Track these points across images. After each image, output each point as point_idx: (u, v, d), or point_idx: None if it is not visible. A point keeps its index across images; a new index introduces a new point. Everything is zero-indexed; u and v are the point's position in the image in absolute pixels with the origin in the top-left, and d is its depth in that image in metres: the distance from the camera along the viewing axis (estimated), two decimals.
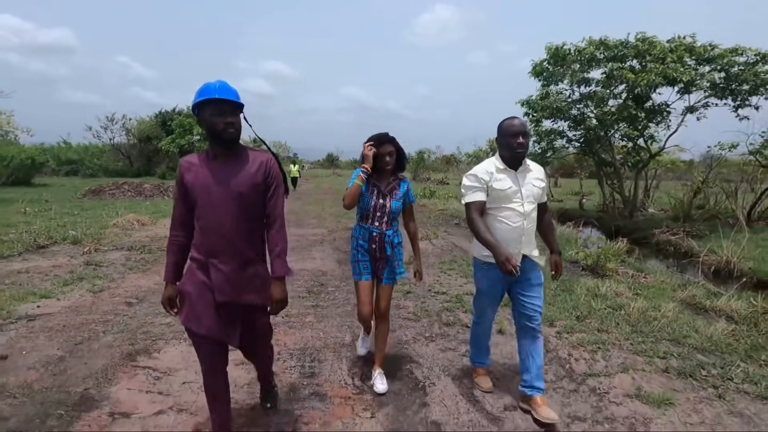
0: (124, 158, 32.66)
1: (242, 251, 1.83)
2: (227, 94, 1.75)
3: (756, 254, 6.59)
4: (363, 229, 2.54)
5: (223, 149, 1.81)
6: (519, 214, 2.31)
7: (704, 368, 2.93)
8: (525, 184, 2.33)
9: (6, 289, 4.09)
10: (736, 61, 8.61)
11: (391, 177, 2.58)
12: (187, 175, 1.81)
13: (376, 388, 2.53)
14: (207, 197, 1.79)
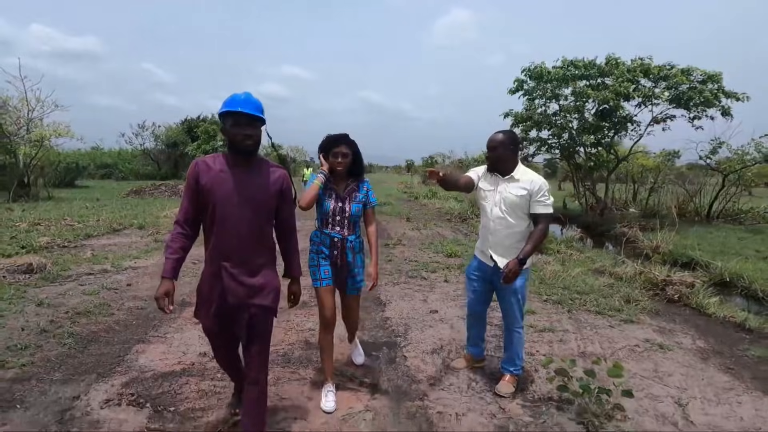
0: (152, 162, 35.11)
1: (254, 256, 1.92)
2: (248, 108, 1.81)
3: (687, 243, 7.98)
4: (323, 234, 2.45)
5: (242, 159, 1.88)
6: (487, 215, 2.58)
7: (571, 300, 4.48)
8: (501, 190, 2.52)
9: (109, 254, 5.88)
10: (685, 80, 10.00)
11: (349, 179, 2.50)
12: (204, 176, 1.84)
13: (356, 360, 2.88)
14: (226, 203, 1.83)
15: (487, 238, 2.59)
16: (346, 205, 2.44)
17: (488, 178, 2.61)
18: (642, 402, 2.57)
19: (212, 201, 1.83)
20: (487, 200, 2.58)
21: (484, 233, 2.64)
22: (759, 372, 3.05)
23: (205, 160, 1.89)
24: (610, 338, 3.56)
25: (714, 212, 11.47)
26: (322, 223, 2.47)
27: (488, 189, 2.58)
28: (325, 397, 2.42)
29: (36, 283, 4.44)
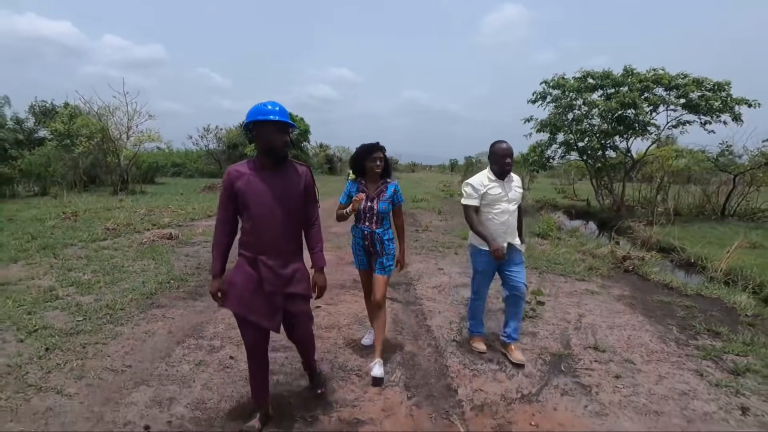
0: (215, 162, 38.93)
1: (287, 249, 2.11)
2: (285, 117, 2.00)
3: (681, 235, 9.13)
4: (357, 228, 2.94)
5: (273, 162, 2.05)
6: (506, 213, 3.05)
7: (546, 267, 6.07)
8: (509, 190, 3.09)
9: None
10: (696, 89, 10.94)
11: (379, 182, 2.91)
12: (238, 182, 2.02)
13: (373, 373, 2.76)
14: (259, 204, 2.02)
15: (504, 231, 3.05)
16: (375, 204, 2.85)
17: (491, 185, 3.06)
18: (557, 312, 4.23)
19: (246, 202, 2.02)
20: (501, 201, 3.06)
21: (499, 228, 3.05)
22: (649, 307, 4.57)
23: (236, 167, 2.08)
24: (560, 287, 5.17)
25: (730, 210, 12.23)
26: (356, 219, 2.94)
27: (499, 193, 3.06)
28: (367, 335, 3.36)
29: (176, 246, 6.69)
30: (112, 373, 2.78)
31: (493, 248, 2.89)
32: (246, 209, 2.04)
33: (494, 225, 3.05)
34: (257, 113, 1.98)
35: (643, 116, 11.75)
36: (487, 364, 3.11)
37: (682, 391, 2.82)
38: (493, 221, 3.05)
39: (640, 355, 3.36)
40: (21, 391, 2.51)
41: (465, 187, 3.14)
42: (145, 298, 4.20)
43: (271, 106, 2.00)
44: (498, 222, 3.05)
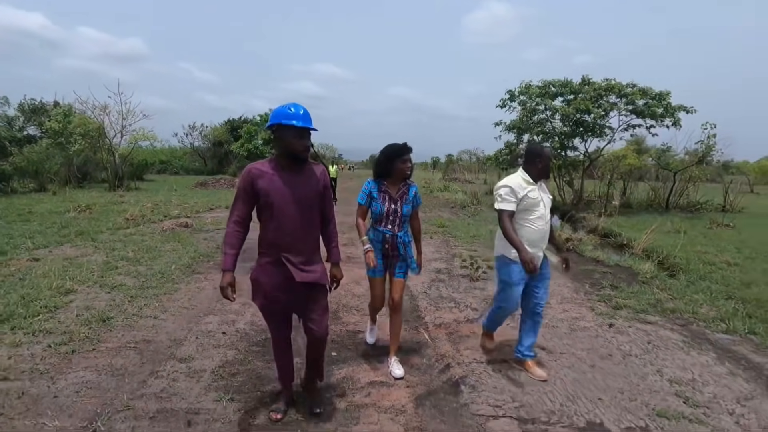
0: (200, 159, 39.44)
1: (308, 247, 2.21)
2: (309, 123, 2.07)
3: (623, 223, 10.68)
4: (377, 231, 2.81)
5: (293, 163, 2.14)
6: (543, 220, 2.81)
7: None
8: (544, 195, 2.88)
9: (222, 221, 9.25)
10: (641, 97, 12.54)
11: (401, 183, 2.82)
12: (260, 181, 2.09)
13: (394, 374, 2.80)
14: (283, 203, 2.10)
15: (541, 239, 2.85)
16: (398, 207, 2.78)
17: (529, 188, 2.80)
18: None
19: (269, 202, 2.07)
20: (538, 206, 2.80)
21: (534, 236, 2.80)
22: (576, 274, 5.97)
23: (257, 166, 2.12)
24: None
25: (672, 203, 13.95)
26: (375, 221, 2.83)
27: (537, 197, 2.81)
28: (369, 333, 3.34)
29: (193, 232, 7.81)
30: (185, 309, 3.99)
31: (525, 259, 2.61)
32: (269, 209, 2.10)
33: (531, 233, 2.80)
34: (281, 116, 2.05)
35: (600, 119, 13.31)
36: (446, 304, 4.42)
37: (574, 317, 4.19)
38: (531, 228, 2.80)
39: (556, 300, 4.72)
40: (128, 318, 3.69)
41: (500, 189, 2.81)
42: (185, 268, 5.37)
43: (294, 109, 2.06)
44: (535, 229, 2.81)
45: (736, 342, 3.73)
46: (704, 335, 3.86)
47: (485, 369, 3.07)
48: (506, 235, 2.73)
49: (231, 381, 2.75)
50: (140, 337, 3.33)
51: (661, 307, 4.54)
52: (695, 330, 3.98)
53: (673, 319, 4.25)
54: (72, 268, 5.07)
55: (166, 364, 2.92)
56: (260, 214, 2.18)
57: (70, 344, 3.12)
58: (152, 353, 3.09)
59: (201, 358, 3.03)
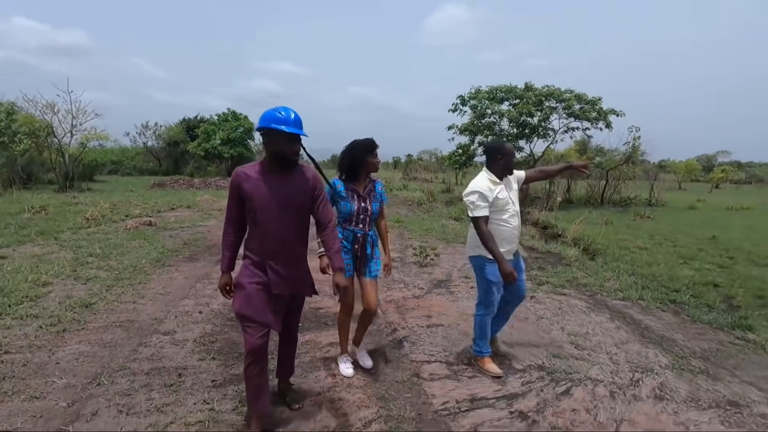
0: (154, 159, 38.16)
1: (295, 253, 2.16)
2: (300, 128, 2.04)
3: (561, 216, 11.84)
4: (347, 231, 2.70)
5: (281, 166, 2.10)
6: (515, 216, 2.88)
7: (456, 241, 8.23)
8: (512, 190, 2.93)
9: (185, 220, 9.48)
10: (576, 102, 13.86)
11: (367, 179, 2.75)
12: (245, 184, 2.05)
13: (364, 364, 2.91)
14: (268, 207, 2.05)
15: (516, 236, 2.92)
16: (368, 205, 2.71)
17: (496, 189, 2.82)
18: (450, 262, 6.31)
19: (254, 206, 2.05)
20: (509, 205, 2.85)
21: (510, 235, 2.85)
22: None
23: (244, 170, 2.10)
24: (458, 249, 7.32)
25: (607, 199, 15.45)
26: (345, 221, 2.71)
27: (506, 196, 2.85)
28: (344, 365, 2.90)
29: (158, 231, 8.04)
30: (161, 295, 4.40)
31: (505, 271, 2.67)
32: (253, 213, 2.06)
33: (506, 232, 2.85)
34: (271, 120, 2.01)
35: (542, 122, 14.53)
36: (397, 285, 5.08)
37: None
38: (505, 227, 2.85)
39: None
40: (109, 304, 4.07)
41: (470, 196, 2.80)
42: (156, 261, 5.71)
43: (285, 113, 2.02)
44: (509, 227, 2.87)
45: (627, 306, 4.63)
46: (604, 302, 4.75)
47: (425, 331, 3.74)
48: (485, 243, 2.72)
49: (211, 346, 3.26)
50: (124, 318, 3.74)
51: (576, 282, 5.43)
52: (598, 299, 4.87)
53: (583, 291, 5.13)
54: (42, 264, 5.29)
55: (152, 337, 3.38)
56: (247, 218, 2.15)
57: (59, 325, 3.49)
58: (137, 330, 3.52)
59: (182, 332, 3.51)
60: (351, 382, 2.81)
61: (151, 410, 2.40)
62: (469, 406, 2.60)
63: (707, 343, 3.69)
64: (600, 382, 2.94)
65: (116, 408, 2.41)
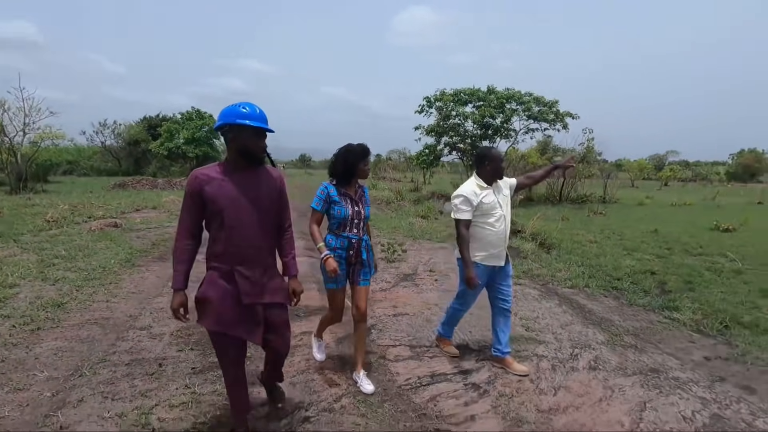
0: (113, 159, 36.70)
1: (265, 257, 2.03)
2: (265, 123, 1.94)
3: (522, 213, 12.48)
4: (341, 237, 2.62)
5: (245, 166, 1.98)
6: (502, 221, 2.91)
7: (422, 238, 8.59)
8: (500, 195, 2.96)
9: (152, 221, 9.37)
10: (534, 105, 14.63)
11: (357, 184, 2.71)
12: (207, 187, 1.90)
13: (364, 390, 2.67)
14: (236, 209, 1.92)
15: (503, 240, 2.94)
16: (361, 209, 2.67)
17: (483, 193, 2.87)
18: (416, 257, 6.65)
19: (219, 209, 1.90)
20: (496, 209, 2.89)
21: (496, 239, 2.89)
22: None
23: (203, 171, 1.94)
24: (423, 245, 7.69)
25: (565, 196, 16.32)
26: (338, 227, 2.63)
27: (493, 200, 2.88)
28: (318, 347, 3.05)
29: (124, 232, 7.96)
30: (134, 294, 4.49)
31: (468, 276, 2.81)
32: (219, 217, 1.92)
33: (491, 235, 2.90)
34: (233, 115, 1.90)
35: (504, 123, 15.19)
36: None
37: None
38: (491, 231, 2.90)
39: (455, 273, 5.84)
40: (81, 303, 4.12)
41: (455, 199, 2.91)
42: (125, 262, 5.74)
43: (249, 108, 1.92)
44: (495, 231, 2.91)
45: (575, 293, 5.11)
46: (555, 290, 5.21)
47: (391, 319, 4.05)
48: (460, 246, 2.86)
49: (189, 339, 3.42)
50: (98, 316, 3.83)
51: (531, 273, 5.90)
52: (550, 287, 5.33)
53: (537, 281, 5.59)
54: (5, 266, 5.22)
55: (129, 332, 3.50)
56: (209, 224, 1.98)
57: (33, 324, 3.55)
58: (113, 326, 3.63)
59: (159, 326, 3.65)
60: (323, 365, 3.06)
61: (136, 395, 2.57)
62: (429, 381, 2.92)
63: (639, 323, 4.19)
64: (544, 357, 3.33)
65: (101, 395, 2.57)
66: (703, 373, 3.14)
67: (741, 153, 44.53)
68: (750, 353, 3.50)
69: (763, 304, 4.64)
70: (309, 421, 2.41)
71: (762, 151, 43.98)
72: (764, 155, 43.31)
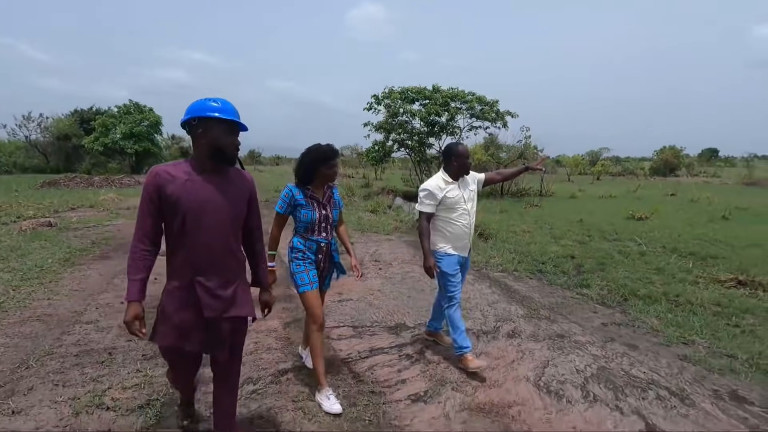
0: (39, 155, 33.87)
1: (229, 266, 1.86)
2: (237, 116, 1.80)
3: None
4: (310, 241, 2.56)
5: (217, 166, 1.82)
6: (467, 215, 3.01)
7: (370, 231, 8.94)
8: (466, 190, 3.05)
9: (90, 219, 8.99)
10: (477, 104, 15.46)
11: (324, 186, 2.63)
12: (169, 187, 1.73)
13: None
14: (200, 215, 1.76)
15: (468, 234, 3.07)
16: (329, 212, 2.60)
17: (448, 188, 2.96)
18: (362, 248, 6.98)
19: (181, 212, 1.74)
20: (459, 204, 2.99)
21: (461, 232, 3.02)
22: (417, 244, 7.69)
23: (166, 169, 1.78)
24: (371, 237, 8.05)
25: (506, 190, 17.38)
26: (306, 231, 2.57)
27: (457, 195, 2.98)
28: (328, 401, 2.49)
29: (60, 231, 7.63)
30: (77, 291, 4.46)
31: (427, 265, 2.91)
32: (180, 220, 1.76)
33: (456, 229, 3.01)
34: (203, 109, 1.76)
35: (450, 121, 15.90)
36: None
37: (407, 271, 5.77)
38: (456, 225, 3.00)
39: (398, 261, 6.28)
40: (20, 302, 4.06)
41: (420, 192, 3.04)
42: (64, 261, 5.59)
43: (219, 102, 1.79)
44: (460, 225, 3.01)
45: (504, 276, 5.69)
46: (487, 274, 5.76)
47: (336, 305, 4.36)
48: (420, 236, 2.98)
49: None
50: (40, 313, 3.82)
51: None
52: (483, 272, 5.87)
53: (472, 267, 6.10)
54: None
55: (75, 327, 3.55)
56: (168, 228, 1.81)
57: None
58: (57, 322, 3.65)
59: (106, 320, 3.71)
60: (269, 345, 3.32)
61: (87, 381, 2.70)
62: (368, 354, 3.27)
63: (555, 299, 4.80)
64: (471, 330, 3.78)
65: (51, 383, 2.67)
66: (598, 336, 3.74)
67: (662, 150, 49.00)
68: (639, 319, 4.18)
69: (657, 280, 5.44)
70: (257, 392, 2.67)
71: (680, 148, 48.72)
72: (681, 152, 47.99)
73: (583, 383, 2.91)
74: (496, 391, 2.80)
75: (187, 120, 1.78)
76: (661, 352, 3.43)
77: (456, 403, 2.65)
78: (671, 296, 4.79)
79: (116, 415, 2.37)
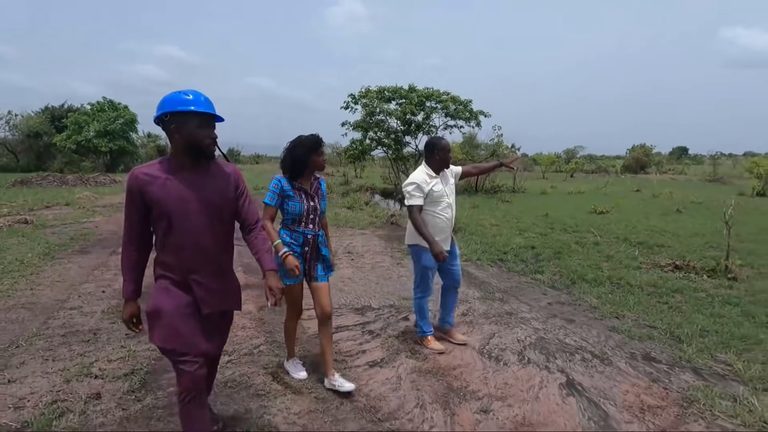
0: (8, 154, 32.91)
1: (220, 263, 1.88)
2: (212, 108, 1.76)
3: None
4: (296, 233, 2.55)
5: (196, 161, 1.79)
6: (449, 208, 3.12)
7: (346, 226, 9.28)
8: (447, 184, 3.15)
9: (66, 217, 9.04)
10: (451, 104, 15.95)
11: (312, 177, 2.61)
12: (150, 188, 1.71)
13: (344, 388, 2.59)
14: (185, 213, 1.74)
15: (448, 226, 3.15)
16: (317, 203, 2.59)
17: (432, 182, 3.03)
18: (338, 242, 7.31)
19: (166, 213, 1.72)
20: (443, 197, 3.07)
21: (444, 225, 3.10)
22: (390, 238, 8.07)
23: (144, 170, 1.75)
24: (346, 231, 8.40)
25: (480, 187, 17.95)
26: (293, 222, 2.55)
27: (441, 189, 3.07)
28: (295, 369, 2.80)
29: (36, 228, 7.71)
30: (58, 282, 4.67)
31: (436, 251, 2.92)
32: (166, 221, 1.74)
33: (440, 222, 3.08)
34: (175, 103, 1.71)
35: (425, 120, 16.34)
36: None
37: (378, 261, 6.15)
38: (439, 218, 3.08)
39: (369, 253, 6.65)
40: (2, 293, 4.26)
41: (408, 186, 3.06)
42: (44, 255, 5.76)
43: (192, 95, 1.74)
44: (445, 218, 3.09)
45: (468, 265, 6.11)
46: None
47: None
48: (417, 229, 2.98)
49: (120, 314, 3.79)
50: (24, 301, 4.04)
51: None
52: None
53: None
54: None
55: (59, 313, 3.79)
56: (155, 229, 1.81)
57: None
58: (42, 309, 3.88)
59: (89, 306, 3.96)
60: (244, 324, 3.64)
61: (75, 356, 2.98)
62: (334, 331, 3.60)
63: (510, 283, 5.25)
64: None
65: (41, 358, 2.94)
66: (543, 314, 4.19)
67: (633, 148, 50.76)
68: (582, 299, 4.65)
69: (605, 266, 5.96)
70: (231, 362, 3.00)
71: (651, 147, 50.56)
72: (652, 150, 49.82)
73: (521, 350, 3.34)
74: (444, 358, 3.19)
75: (160, 116, 1.74)
76: (594, 325, 3.90)
77: (408, 367, 3.03)
78: (614, 279, 5.31)
79: (104, 381, 2.67)
